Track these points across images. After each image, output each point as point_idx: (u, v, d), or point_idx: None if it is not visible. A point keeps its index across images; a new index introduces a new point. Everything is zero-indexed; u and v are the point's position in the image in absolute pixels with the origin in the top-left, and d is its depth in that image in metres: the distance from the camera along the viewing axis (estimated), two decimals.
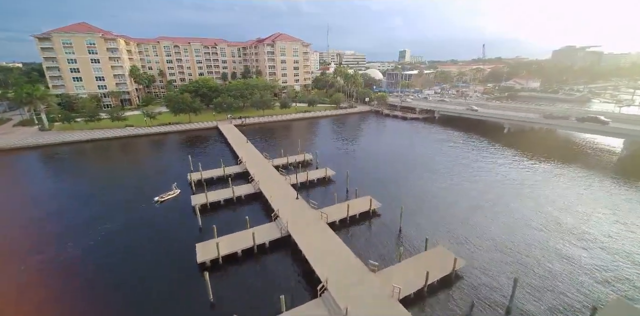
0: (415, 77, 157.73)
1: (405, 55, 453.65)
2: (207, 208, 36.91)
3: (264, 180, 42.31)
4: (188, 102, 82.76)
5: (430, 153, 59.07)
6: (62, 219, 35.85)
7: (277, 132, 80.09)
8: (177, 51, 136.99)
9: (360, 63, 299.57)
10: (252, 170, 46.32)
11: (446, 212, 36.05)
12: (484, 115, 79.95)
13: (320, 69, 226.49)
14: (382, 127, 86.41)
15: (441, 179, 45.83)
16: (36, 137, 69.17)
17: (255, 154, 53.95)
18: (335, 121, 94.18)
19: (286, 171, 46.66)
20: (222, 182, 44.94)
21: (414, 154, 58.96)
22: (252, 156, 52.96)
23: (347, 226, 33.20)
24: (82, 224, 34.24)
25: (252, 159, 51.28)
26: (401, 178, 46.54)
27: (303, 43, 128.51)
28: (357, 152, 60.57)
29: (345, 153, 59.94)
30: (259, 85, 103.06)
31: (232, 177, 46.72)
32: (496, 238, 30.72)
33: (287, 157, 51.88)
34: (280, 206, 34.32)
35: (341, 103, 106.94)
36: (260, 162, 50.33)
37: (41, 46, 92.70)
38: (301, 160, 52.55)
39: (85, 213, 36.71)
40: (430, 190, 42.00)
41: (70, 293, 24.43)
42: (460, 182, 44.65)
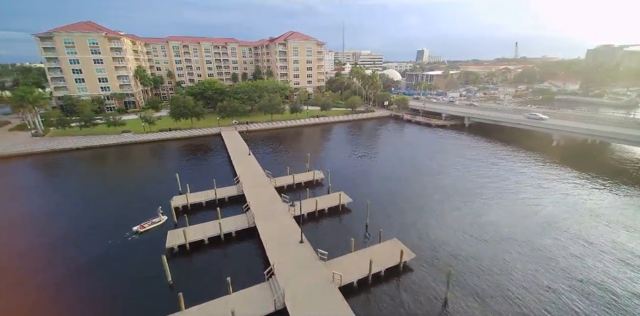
0: (438, 78, 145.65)
1: (424, 55, 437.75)
2: (186, 251, 28.64)
3: (261, 210, 33.69)
4: (190, 106, 75.64)
5: (466, 172, 48.65)
6: (9, 248, 28.78)
7: (284, 141, 71.44)
8: (186, 51, 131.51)
9: (376, 63, 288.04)
10: (249, 193, 37.90)
11: (511, 273, 25.79)
12: (529, 124, 68.00)
13: (335, 69, 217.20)
14: (405, 136, 76.19)
15: (490, 212, 35.67)
16: (24, 144, 63.68)
17: (255, 171, 45.45)
18: (350, 127, 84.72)
19: (291, 197, 37.71)
20: (212, 209, 36.53)
21: (447, 173, 48.64)
22: (252, 173, 44.50)
23: (368, 290, 23.88)
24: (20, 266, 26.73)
25: (251, 178, 42.83)
26: (435, 209, 36.64)
27: (317, 42, 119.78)
28: (376, 169, 50.52)
29: (362, 171, 50.00)
30: (268, 87, 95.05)
31: (226, 200, 38.54)
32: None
33: (293, 175, 43.05)
34: (278, 256, 25.61)
35: (357, 107, 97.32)
36: (260, 181, 41.76)
37: (43, 46, 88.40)
38: (309, 180, 43.64)
39: (35, 247, 29.31)
40: (478, 233, 31.99)
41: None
42: (519, 219, 34.31)
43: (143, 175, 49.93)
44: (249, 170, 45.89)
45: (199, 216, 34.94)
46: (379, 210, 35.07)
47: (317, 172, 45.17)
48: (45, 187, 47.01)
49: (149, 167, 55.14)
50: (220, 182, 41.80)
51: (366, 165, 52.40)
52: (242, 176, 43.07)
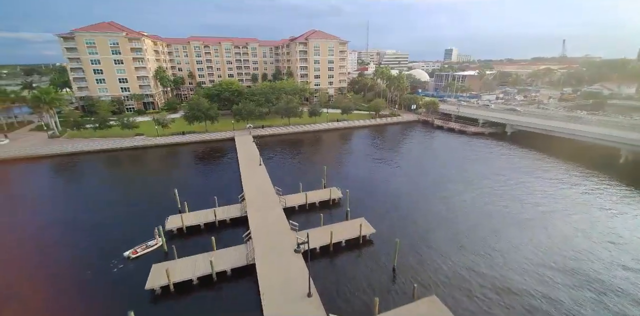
0: (471, 79, 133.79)
1: (452, 54, 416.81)
2: (170, 293, 23.40)
3: (264, 242, 27.85)
4: (204, 109, 71.89)
5: (516, 192, 40.19)
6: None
7: (300, 149, 65.35)
8: (207, 51, 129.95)
9: (402, 63, 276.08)
10: (253, 216, 32.30)
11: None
12: (590, 136, 57.34)
13: (358, 69, 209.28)
14: (436, 145, 67.39)
15: (556, 250, 27.59)
16: (35, 146, 62.52)
17: (264, 186, 39.79)
18: (373, 134, 77.32)
19: (302, 222, 31.64)
20: (210, 233, 31.47)
21: (493, 194, 40.43)
22: (260, 189, 38.91)
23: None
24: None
25: (258, 195, 37.24)
26: (486, 247, 29.03)
27: (340, 41, 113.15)
28: (405, 189, 42.61)
29: (387, 190, 42.28)
30: (286, 89, 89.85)
31: (227, 222, 33.23)
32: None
33: (306, 194, 36.96)
34: (276, 314, 19.52)
35: (381, 111, 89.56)
36: (268, 200, 36.05)
37: (65, 46, 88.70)
38: (325, 200, 37.37)
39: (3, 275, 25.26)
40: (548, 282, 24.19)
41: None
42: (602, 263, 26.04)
43: (146, 186, 45.82)
44: (257, 184, 40.34)
45: (193, 243, 29.84)
46: (410, 249, 28.11)
47: (334, 189, 38.82)
48: (39, 197, 43.12)
49: (154, 174, 51.11)
50: (225, 196, 36.99)
51: (392, 182, 44.80)
52: (249, 192, 37.61)
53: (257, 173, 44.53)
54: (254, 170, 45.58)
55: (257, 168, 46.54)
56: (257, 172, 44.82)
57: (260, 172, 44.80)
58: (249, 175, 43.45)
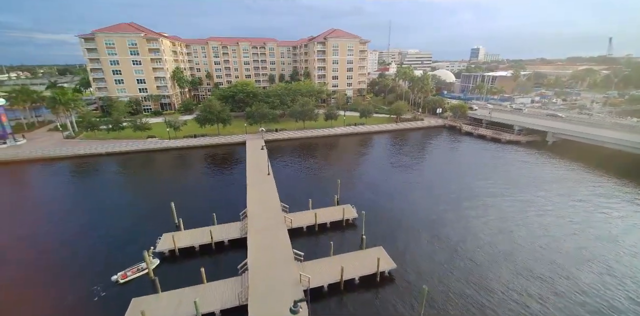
0: (502, 80, 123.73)
1: (479, 53, 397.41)
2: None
3: (261, 277, 23.55)
4: (216, 111, 69.23)
5: (579, 217, 33.57)
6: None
7: (313, 156, 60.39)
8: (225, 52, 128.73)
9: (425, 62, 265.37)
10: (253, 239, 28.22)
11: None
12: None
13: (379, 69, 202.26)
14: (465, 154, 60.41)
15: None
16: (49, 148, 62.17)
17: (270, 201, 35.62)
18: (394, 140, 71.43)
19: (308, 251, 27.15)
20: (205, 257, 27.89)
21: (550, 223, 34.05)
22: (265, 204, 34.79)
23: None
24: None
25: (262, 212, 33.13)
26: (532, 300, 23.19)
27: (360, 40, 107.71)
28: (432, 209, 36.94)
29: (410, 210, 36.66)
30: (302, 90, 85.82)
31: (225, 244, 29.36)
32: None
33: (316, 212, 32.44)
34: None
35: (403, 114, 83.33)
36: (272, 219, 31.83)
37: (86, 47, 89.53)
38: (337, 220, 32.66)
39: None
40: None
41: None
42: None
43: (146, 195, 42.96)
44: (263, 198, 36.25)
45: (184, 270, 26.22)
46: (442, 299, 22.72)
47: (348, 208, 34.01)
48: (33, 202, 41.06)
49: (157, 182, 48.20)
50: (226, 212, 33.42)
51: (416, 201, 38.99)
52: (252, 208, 33.57)
53: (264, 184, 40.49)
54: (261, 181, 41.59)
55: (265, 178, 42.55)
56: (264, 183, 40.79)
57: (268, 183, 40.73)
58: (255, 187, 39.49)
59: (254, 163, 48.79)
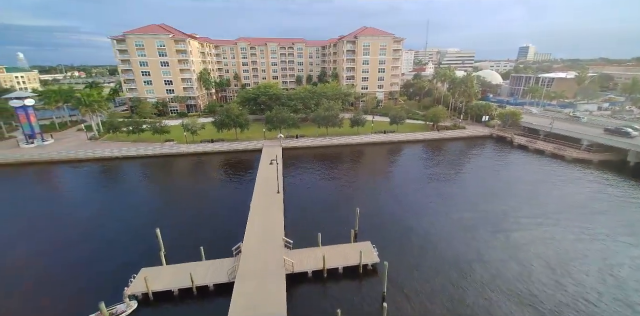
0: (561, 83, 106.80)
1: (528, 52, 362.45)
2: None
3: None
4: (234, 116, 65.10)
5: None
6: None
7: (333, 169, 52.78)
8: (253, 53, 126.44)
9: (466, 62, 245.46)
10: (240, 289, 22.05)
11: None
12: None
13: (414, 70, 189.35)
14: (518, 174, 48.93)
15: None
16: (71, 149, 61.98)
17: (271, 232, 29.30)
18: (429, 151, 61.96)
19: (312, 309, 20.34)
20: (183, 307, 22.32)
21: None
22: (265, 236, 28.60)
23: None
24: None
25: (259, 248, 26.99)
26: None
27: (394, 38, 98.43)
28: (483, 252, 28.21)
29: (450, 254, 28.07)
30: (327, 93, 79.19)
31: (210, 289, 23.64)
32: None
33: (325, 252, 25.52)
34: None
35: (441, 121, 73.11)
36: (270, 258, 25.52)
37: (118, 48, 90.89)
38: (352, 265, 25.44)
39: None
40: None
41: None
42: None
43: (137, 215, 36.47)
44: (264, 228, 30.07)
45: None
46: None
47: (367, 248, 26.69)
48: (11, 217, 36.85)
49: (157, 197, 43.57)
50: (219, 244, 27.75)
51: (457, 241, 30.10)
52: (248, 243, 27.51)
53: (270, 207, 34.35)
54: (267, 202, 35.56)
55: (273, 199, 36.47)
56: (271, 205, 34.66)
57: (274, 206, 34.54)
58: (259, 211, 33.46)
59: (265, 178, 42.94)
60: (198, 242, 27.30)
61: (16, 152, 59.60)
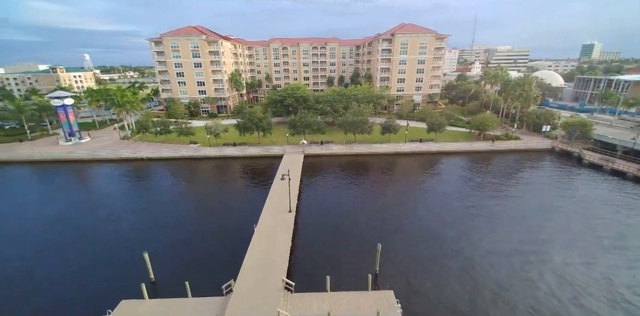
0: (637, 87, 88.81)
1: (593, 51, 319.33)
2: None
3: None
4: (256, 119, 62.04)
5: None
6: None
7: (356, 184, 46.15)
8: (285, 53, 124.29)
9: (519, 62, 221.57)
10: None
11: None
12: None
13: (457, 70, 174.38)
14: (589, 202, 38.38)
15: None
16: (102, 149, 63.46)
17: (273, 268, 24.36)
18: (473, 166, 53.03)
19: None
20: None
21: None
22: (263, 276, 23.74)
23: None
24: None
25: (254, 289, 22.30)
26: None
27: (436, 35, 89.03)
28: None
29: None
30: (358, 96, 73.10)
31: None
32: None
33: (333, 301, 20.07)
34: None
35: (490, 130, 63.15)
36: (266, 305, 20.65)
37: (155, 50, 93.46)
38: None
39: None
40: None
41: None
42: None
43: (136, 229, 33.18)
44: (265, 260, 25.27)
45: None
46: None
47: (386, 300, 20.66)
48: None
49: (163, 210, 38.24)
50: (211, 274, 23.62)
51: (516, 300, 23.13)
52: (243, 278, 22.94)
53: (277, 230, 29.61)
54: (276, 223, 30.90)
55: (283, 218, 31.76)
56: (279, 228, 29.89)
57: (283, 230, 29.70)
58: (264, 234, 28.89)
59: (279, 191, 38.35)
60: (187, 272, 23.56)
61: (50, 150, 62.35)
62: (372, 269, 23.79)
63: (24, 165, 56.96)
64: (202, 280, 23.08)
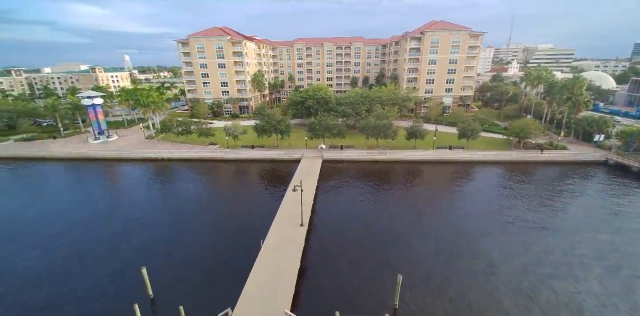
0: None
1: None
2: None
3: None
4: (275, 122, 60.16)
5: None
6: None
7: (377, 195, 42.20)
8: (308, 53, 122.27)
9: (562, 61, 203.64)
10: None
11: None
12: None
13: (492, 70, 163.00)
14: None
15: None
16: (126, 148, 64.65)
17: (276, 298, 21.59)
18: (510, 178, 47.01)
19: None
20: None
21: None
22: (267, 303, 21.07)
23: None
24: None
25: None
26: None
27: (470, 32, 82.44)
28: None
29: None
30: (382, 98, 68.96)
31: None
32: None
33: None
34: None
35: (531, 138, 56.42)
36: None
37: (182, 51, 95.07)
38: None
39: None
40: None
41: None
42: None
43: (140, 240, 30.93)
44: (268, 286, 22.58)
45: None
46: None
47: None
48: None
49: (168, 218, 35.89)
50: (210, 298, 21.26)
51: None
52: (241, 308, 20.35)
53: (286, 249, 26.85)
54: (286, 239, 28.23)
55: (294, 233, 29.05)
56: (288, 247, 27.13)
57: (293, 248, 26.90)
58: (271, 254, 26.22)
59: (292, 202, 35.58)
60: (185, 291, 21.53)
61: (78, 148, 64.55)
62: (391, 304, 20.36)
63: (56, 162, 59.02)
64: (199, 303, 20.91)
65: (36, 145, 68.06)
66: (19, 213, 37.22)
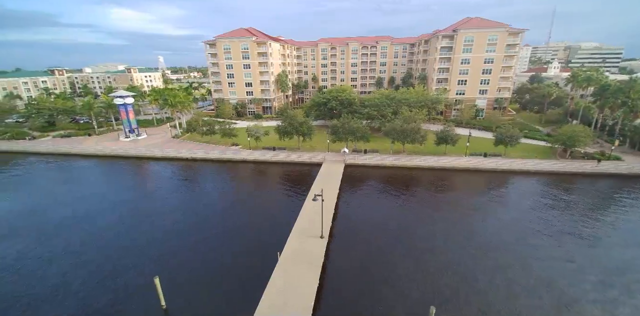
0: None
1: None
2: None
3: None
4: (297, 123, 58.74)
5: None
6: None
7: (403, 207, 38.63)
8: (333, 53, 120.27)
9: (609, 61, 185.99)
10: None
11: None
12: None
13: (529, 70, 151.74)
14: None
15: None
16: (152, 147, 66.22)
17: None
18: (555, 192, 41.60)
19: None
20: None
21: None
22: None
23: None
24: None
25: None
26: None
27: (508, 30, 76.26)
28: None
29: None
30: (410, 100, 65.34)
31: None
32: None
33: None
34: None
35: (580, 147, 50.48)
36: None
37: (209, 52, 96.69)
38: None
39: None
40: None
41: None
42: None
43: (151, 250, 29.51)
44: (282, 309, 20.85)
45: None
46: None
47: None
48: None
49: (181, 228, 33.79)
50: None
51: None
52: None
53: (304, 264, 24.89)
54: (303, 253, 26.35)
55: (313, 247, 27.15)
56: (306, 263, 25.12)
57: (310, 265, 24.91)
58: (288, 268, 24.45)
59: (311, 211, 33.62)
60: (198, 304, 20.20)
61: (110, 146, 67.06)
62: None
63: (90, 158, 61.63)
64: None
65: (72, 141, 71.75)
66: (51, 212, 38.37)
